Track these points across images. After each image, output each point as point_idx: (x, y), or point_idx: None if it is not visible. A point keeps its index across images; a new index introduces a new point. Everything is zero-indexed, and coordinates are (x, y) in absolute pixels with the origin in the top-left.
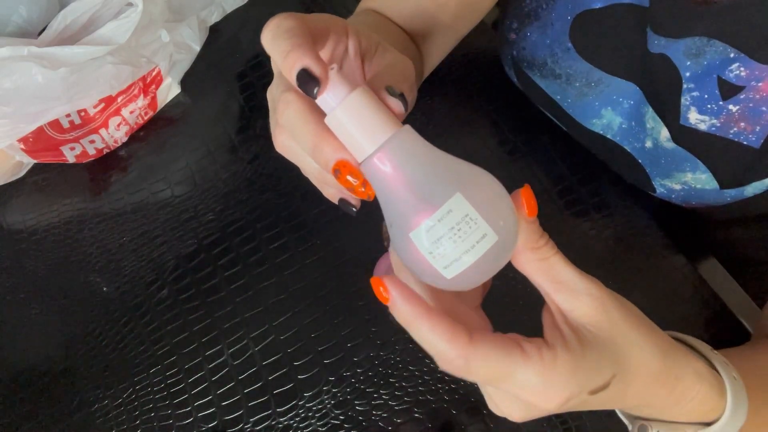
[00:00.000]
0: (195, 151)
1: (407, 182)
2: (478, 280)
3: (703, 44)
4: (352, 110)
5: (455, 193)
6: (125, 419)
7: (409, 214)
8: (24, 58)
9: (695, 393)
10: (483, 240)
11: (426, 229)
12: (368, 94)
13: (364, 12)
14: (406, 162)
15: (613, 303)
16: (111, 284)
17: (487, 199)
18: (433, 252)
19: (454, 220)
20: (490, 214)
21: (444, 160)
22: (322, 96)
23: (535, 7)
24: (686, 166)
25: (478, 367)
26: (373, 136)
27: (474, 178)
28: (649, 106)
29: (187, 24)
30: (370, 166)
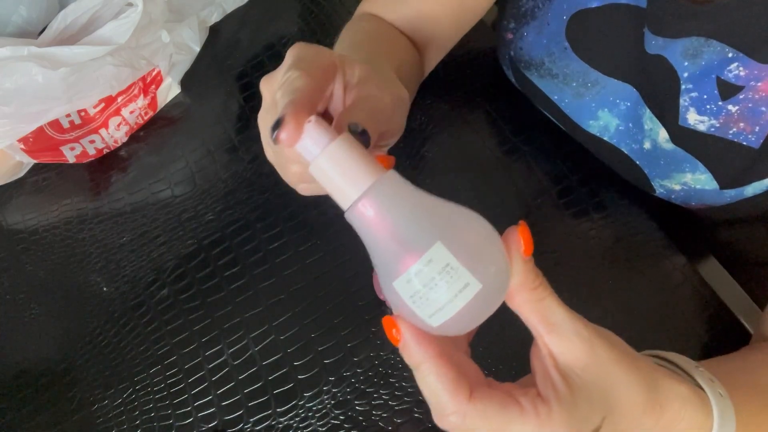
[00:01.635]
0: (195, 151)
1: (389, 230)
2: (467, 326)
3: (700, 44)
4: (333, 159)
5: (436, 242)
6: (125, 419)
7: (392, 262)
8: (24, 58)
9: (681, 418)
10: (465, 289)
11: (407, 279)
12: (350, 141)
13: (362, 17)
14: (387, 209)
15: (600, 342)
16: (111, 284)
17: (472, 245)
18: (416, 301)
19: (435, 269)
20: (474, 262)
21: (428, 206)
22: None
23: (531, 7)
24: (686, 166)
25: (474, 425)
26: (354, 183)
27: (459, 224)
28: (646, 107)
29: (187, 24)
30: (354, 214)
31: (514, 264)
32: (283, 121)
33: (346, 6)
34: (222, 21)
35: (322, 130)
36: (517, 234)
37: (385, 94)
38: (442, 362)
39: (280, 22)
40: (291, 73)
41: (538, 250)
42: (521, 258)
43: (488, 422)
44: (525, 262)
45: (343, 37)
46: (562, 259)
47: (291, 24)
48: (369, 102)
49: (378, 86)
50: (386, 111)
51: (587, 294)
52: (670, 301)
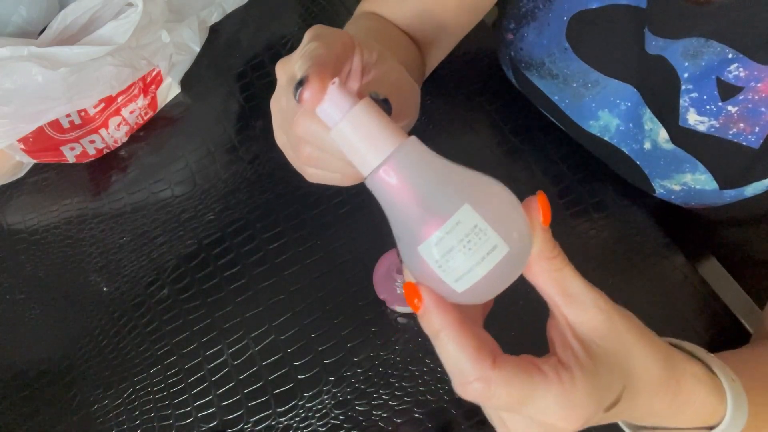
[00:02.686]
0: (195, 151)
1: (414, 195)
2: (491, 292)
3: (701, 45)
4: (356, 123)
5: (463, 204)
6: (125, 419)
7: (416, 227)
8: (24, 58)
9: (695, 398)
10: (494, 251)
11: (435, 242)
12: (372, 106)
13: (363, 15)
14: (412, 174)
15: (618, 315)
16: (111, 284)
17: (497, 209)
18: (443, 265)
19: (463, 231)
20: (501, 225)
21: (451, 171)
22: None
23: (532, 8)
24: (686, 167)
25: (500, 392)
26: (377, 148)
27: (483, 188)
28: (646, 107)
29: (187, 24)
30: (376, 180)
31: (534, 232)
32: (307, 80)
33: (346, 6)
34: (222, 21)
35: (345, 93)
36: (536, 203)
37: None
38: (463, 329)
39: (280, 22)
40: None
41: None
42: (540, 227)
43: (512, 389)
44: (544, 231)
45: None
46: None
47: (291, 24)
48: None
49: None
50: (404, 89)
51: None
52: (670, 301)
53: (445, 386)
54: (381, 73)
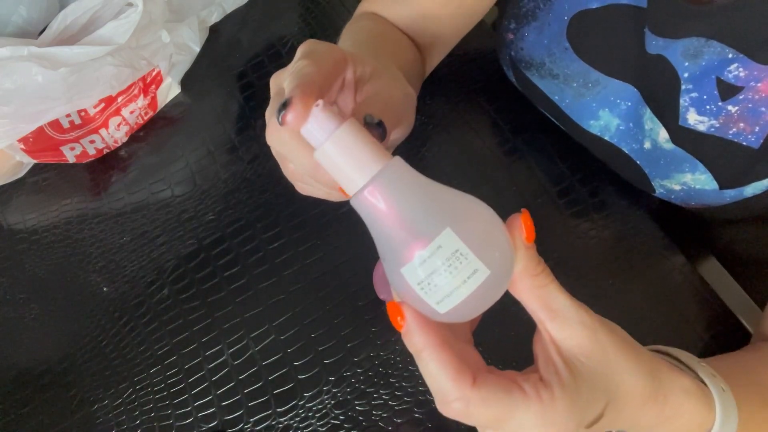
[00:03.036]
0: (195, 151)
1: (397, 216)
2: (472, 312)
3: (701, 45)
4: (340, 143)
5: (445, 228)
6: (125, 419)
7: (400, 248)
8: (24, 58)
9: (684, 410)
10: (474, 275)
11: (417, 264)
12: (356, 127)
13: (363, 16)
14: (395, 196)
15: (603, 330)
16: (111, 284)
17: (479, 232)
18: (425, 288)
19: (444, 255)
20: (482, 248)
21: (435, 192)
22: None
23: (532, 8)
24: (685, 166)
25: (478, 411)
26: (361, 170)
27: (465, 211)
28: (647, 107)
29: (187, 24)
30: (360, 201)
31: (517, 251)
32: (291, 102)
33: (346, 6)
34: (222, 21)
35: (329, 114)
36: (519, 221)
37: (395, 89)
38: (444, 349)
39: (280, 22)
40: (300, 62)
41: (539, 249)
42: (523, 244)
43: (491, 408)
44: (527, 249)
45: (345, 36)
46: (562, 259)
47: (291, 24)
48: (381, 97)
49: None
50: (398, 106)
51: (587, 294)
52: (670, 301)
53: None
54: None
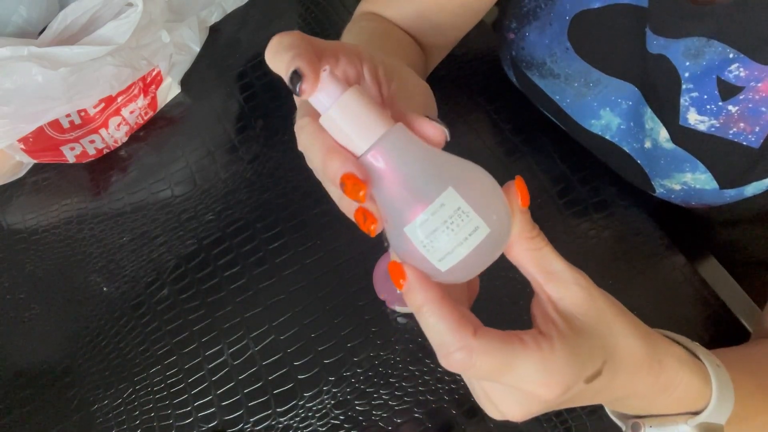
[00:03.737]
0: (195, 151)
1: (401, 178)
2: (472, 272)
3: (702, 45)
4: (346, 109)
5: (447, 187)
6: (125, 419)
7: (403, 209)
8: (24, 58)
9: (679, 381)
10: (475, 232)
11: (420, 223)
12: (361, 93)
13: (363, 16)
14: (399, 158)
15: (599, 293)
16: (111, 284)
17: (479, 192)
18: (428, 245)
19: (446, 213)
20: (482, 207)
21: (436, 156)
22: (315, 97)
23: (533, 7)
24: (686, 166)
25: (481, 361)
26: (366, 134)
27: (466, 173)
28: (647, 106)
29: (187, 24)
30: (365, 164)
31: (513, 216)
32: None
33: (346, 6)
34: (222, 21)
35: (334, 80)
36: (514, 187)
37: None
38: (444, 303)
39: (280, 22)
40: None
41: None
42: (519, 209)
43: (492, 357)
44: (522, 213)
45: (346, 38)
46: None
47: (291, 24)
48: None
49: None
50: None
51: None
52: (670, 301)
53: (445, 386)
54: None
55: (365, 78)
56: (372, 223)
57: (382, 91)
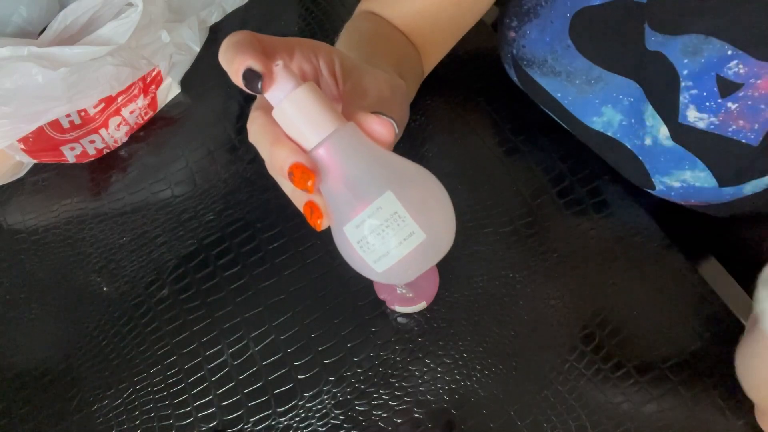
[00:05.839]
0: (195, 151)
1: (344, 177)
2: (410, 274)
3: (700, 42)
4: (297, 103)
5: (386, 190)
6: (125, 419)
7: (344, 208)
8: (24, 58)
9: None
10: (410, 237)
11: (356, 223)
12: (314, 89)
13: (361, 16)
14: (345, 157)
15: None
16: (111, 284)
17: (420, 198)
18: (363, 246)
19: (383, 216)
20: (420, 213)
21: (383, 158)
22: (269, 92)
23: (534, 5)
24: (685, 164)
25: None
26: (317, 129)
27: (410, 178)
28: (648, 103)
29: (187, 24)
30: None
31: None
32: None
33: (346, 6)
34: (222, 21)
35: (288, 74)
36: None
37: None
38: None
39: (280, 22)
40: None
41: (539, 250)
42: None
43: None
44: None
45: (341, 37)
46: (562, 259)
47: (291, 24)
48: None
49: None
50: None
51: (587, 294)
52: (670, 301)
53: (445, 386)
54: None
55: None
56: (318, 218)
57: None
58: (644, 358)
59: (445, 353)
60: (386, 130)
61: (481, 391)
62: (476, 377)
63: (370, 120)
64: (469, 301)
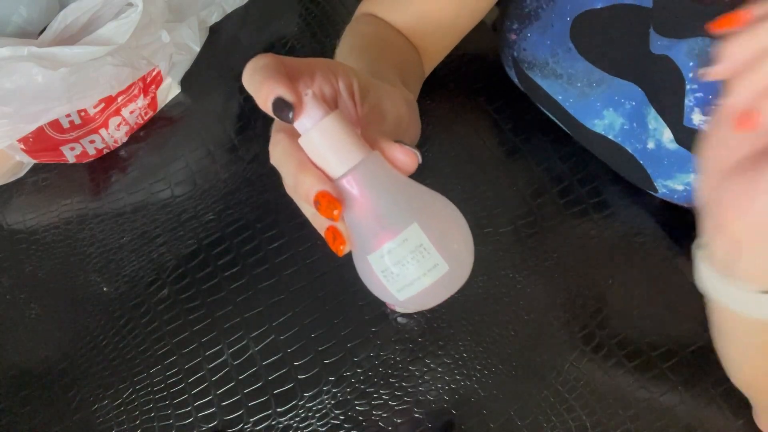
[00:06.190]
0: (195, 151)
1: (370, 207)
2: (430, 302)
3: (706, 44)
4: (325, 133)
5: (413, 222)
6: (125, 419)
7: (369, 237)
8: (24, 58)
9: None
10: (434, 269)
11: (383, 253)
12: (341, 118)
13: (361, 19)
14: (371, 187)
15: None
16: (111, 284)
17: (444, 229)
18: (388, 276)
19: (408, 248)
20: (444, 245)
21: (408, 189)
22: (298, 121)
23: (535, 8)
24: (690, 167)
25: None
26: (343, 159)
27: (434, 209)
28: (651, 107)
29: (187, 24)
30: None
31: None
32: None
33: (346, 6)
34: (222, 21)
35: (317, 103)
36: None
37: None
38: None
39: (280, 22)
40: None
41: (539, 250)
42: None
43: None
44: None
45: (343, 42)
46: (562, 259)
47: (291, 24)
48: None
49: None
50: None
51: (587, 294)
52: (670, 300)
53: (445, 386)
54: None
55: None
56: (341, 244)
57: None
58: (644, 358)
59: (445, 353)
60: (410, 159)
61: (481, 391)
62: (476, 377)
63: (394, 149)
64: (469, 301)
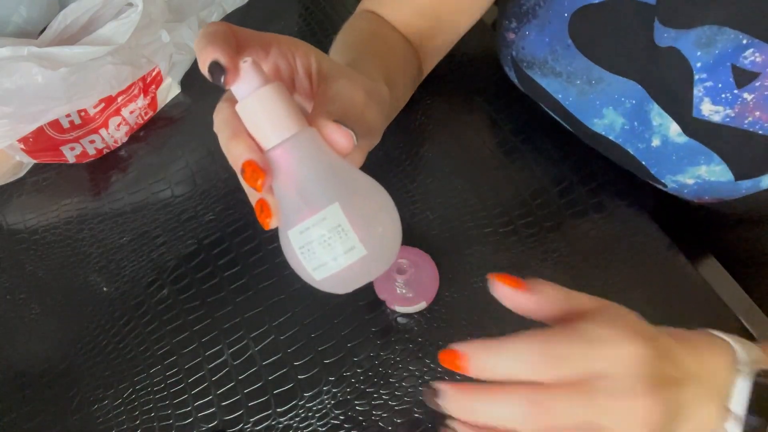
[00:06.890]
0: (195, 151)
1: (297, 182)
2: (349, 286)
3: (713, 33)
4: (261, 102)
5: (335, 202)
6: (125, 419)
7: (292, 212)
8: (24, 58)
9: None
10: (351, 251)
11: (301, 229)
12: (281, 90)
13: (361, 15)
14: (300, 162)
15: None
16: (111, 284)
17: (368, 214)
18: (305, 253)
19: (326, 227)
20: (366, 229)
21: (338, 169)
22: (236, 86)
23: (532, 5)
24: (700, 159)
25: None
26: (276, 130)
27: (360, 191)
28: (653, 103)
29: (187, 24)
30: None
31: None
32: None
33: (346, 6)
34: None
35: (257, 71)
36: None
37: (357, 91)
38: None
39: (280, 22)
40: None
41: (539, 250)
42: None
43: None
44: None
45: (338, 37)
46: (562, 259)
47: (291, 24)
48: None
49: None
50: (359, 107)
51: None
52: (670, 301)
53: None
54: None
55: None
56: (267, 217)
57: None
58: None
59: None
60: (345, 140)
61: None
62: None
63: (329, 128)
64: (469, 301)
